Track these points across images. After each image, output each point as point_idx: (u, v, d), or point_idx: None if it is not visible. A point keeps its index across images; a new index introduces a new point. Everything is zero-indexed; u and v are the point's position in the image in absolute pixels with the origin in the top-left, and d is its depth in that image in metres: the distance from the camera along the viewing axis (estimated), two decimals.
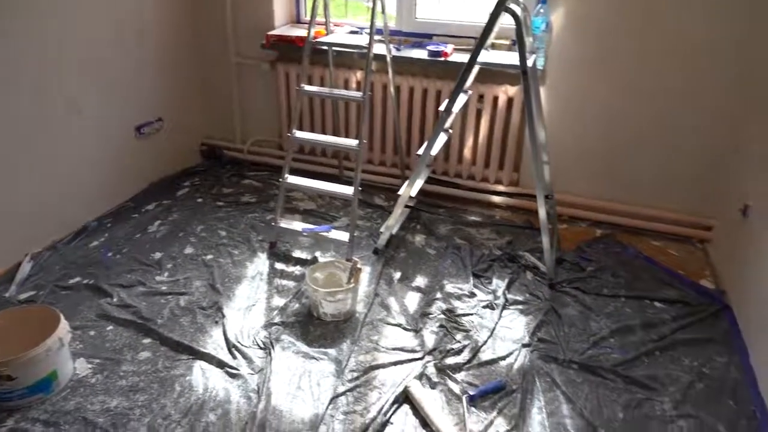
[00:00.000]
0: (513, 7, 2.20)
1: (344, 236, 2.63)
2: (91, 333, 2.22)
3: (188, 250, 2.77)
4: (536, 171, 2.45)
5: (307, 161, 3.55)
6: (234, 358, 2.12)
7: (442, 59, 2.95)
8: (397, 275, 2.62)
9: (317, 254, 2.76)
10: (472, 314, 2.36)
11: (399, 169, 3.31)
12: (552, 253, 2.59)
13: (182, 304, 2.39)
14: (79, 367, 2.06)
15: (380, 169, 3.42)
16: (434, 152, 2.61)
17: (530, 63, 2.32)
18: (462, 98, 2.62)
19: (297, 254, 2.77)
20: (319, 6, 2.70)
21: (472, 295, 2.48)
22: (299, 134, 2.68)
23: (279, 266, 2.68)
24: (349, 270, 2.38)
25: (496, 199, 3.22)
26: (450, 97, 2.44)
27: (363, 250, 2.79)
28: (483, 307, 2.41)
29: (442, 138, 2.72)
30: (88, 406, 1.90)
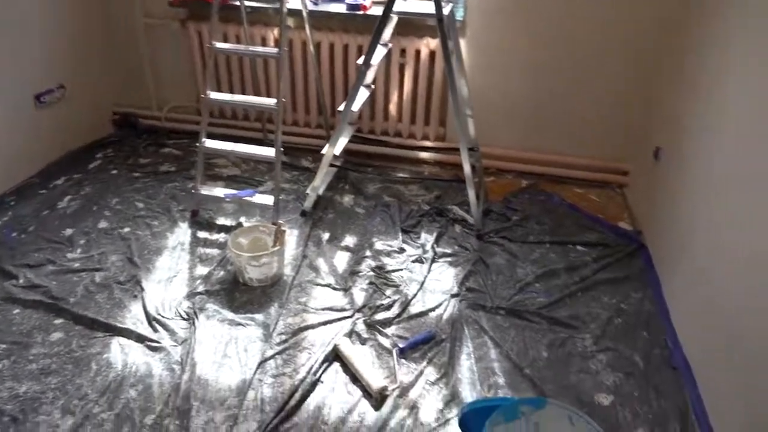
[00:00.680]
0: None
1: (269, 200, 2.55)
2: None
3: (103, 225, 2.61)
4: (459, 124, 2.44)
5: (230, 126, 3.40)
6: (155, 332, 2.03)
7: (362, 13, 2.86)
8: (326, 236, 2.57)
9: (242, 220, 2.67)
10: (402, 269, 2.36)
11: (324, 130, 3.23)
12: (479, 205, 2.61)
13: (97, 281, 2.26)
14: None
15: (305, 131, 3.32)
16: (356, 108, 2.55)
17: (446, 11, 2.28)
18: (381, 51, 2.55)
19: (221, 221, 2.67)
20: None
21: (402, 251, 2.47)
22: (214, 95, 2.55)
23: (202, 235, 2.57)
24: (274, 233, 2.31)
25: (424, 155, 3.21)
26: (368, 50, 2.37)
27: (290, 213, 2.72)
28: (412, 262, 2.41)
29: (364, 94, 2.66)
30: None
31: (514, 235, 2.59)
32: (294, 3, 2.70)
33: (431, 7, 2.25)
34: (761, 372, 1.46)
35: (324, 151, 2.59)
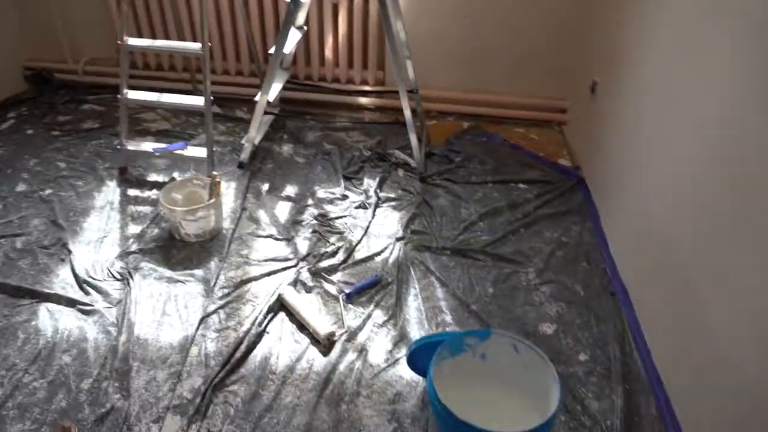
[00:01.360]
0: None
1: (202, 152, 2.42)
2: None
3: (21, 188, 2.42)
4: (397, 67, 2.36)
5: (156, 77, 3.20)
6: (87, 294, 1.91)
7: None
8: (265, 187, 2.48)
9: (175, 175, 2.53)
10: (345, 216, 2.31)
11: (258, 78, 3.07)
12: (421, 148, 2.58)
13: (19, 246, 2.10)
14: None
15: (238, 80, 3.16)
16: (288, 51, 2.42)
17: None
18: None
19: (152, 178, 2.53)
20: None
21: (344, 198, 2.42)
22: (133, 41, 2.36)
23: (132, 192, 2.43)
24: (209, 185, 2.20)
25: (364, 101, 3.12)
26: None
27: (227, 166, 2.61)
28: (356, 208, 2.36)
29: (296, 35, 2.53)
30: None
31: (457, 177, 2.58)
32: None
33: None
34: (684, 282, 1.53)
35: (257, 98, 2.46)
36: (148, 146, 2.50)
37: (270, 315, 1.85)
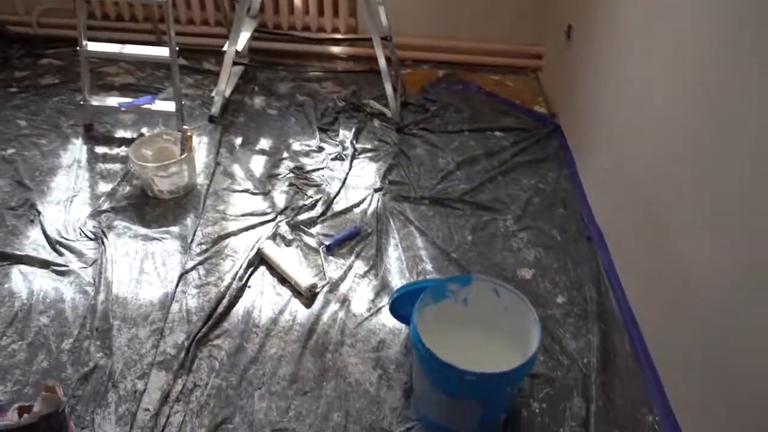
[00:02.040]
0: None
1: (171, 106, 2.34)
2: None
3: None
4: (369, 11, 2.29)
5: (118, 29, 3.04)
6: (60, 255, 1.87)
7: None
8: (239, 141, 2.42)
9: (144, 131, 2.45)
10: (322, 168, 2.29)
11: (225, 27, 2.95)
12: (396, 98, 2.54)
13: None
14: None
15: (204, 30, 3.03)
16: None
17: None
18: None
19: (120, 134, 2.44)
20: None
21: (320, 150, 2.38)
22: None
23: (100, 150, 2.35)
24: (180, 140, 2.14)
25: (336, 50, 3.04)
26: None
27: (198, 121, 2.53)
28: (332, 160, 2.33)
29: None
30: None
31: (434, 126, 2.56)
32: None
33: None
34: (656, 224, 1.57)
35: (225, 49, 2.37)
36: (114, 101, 2.40)
37: (250, 269, 1.84)
